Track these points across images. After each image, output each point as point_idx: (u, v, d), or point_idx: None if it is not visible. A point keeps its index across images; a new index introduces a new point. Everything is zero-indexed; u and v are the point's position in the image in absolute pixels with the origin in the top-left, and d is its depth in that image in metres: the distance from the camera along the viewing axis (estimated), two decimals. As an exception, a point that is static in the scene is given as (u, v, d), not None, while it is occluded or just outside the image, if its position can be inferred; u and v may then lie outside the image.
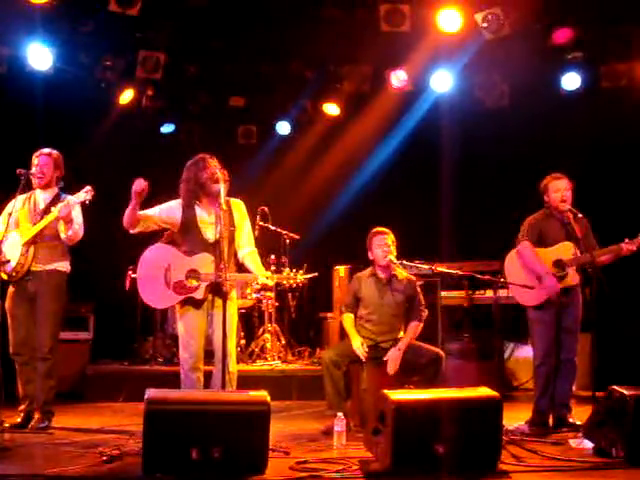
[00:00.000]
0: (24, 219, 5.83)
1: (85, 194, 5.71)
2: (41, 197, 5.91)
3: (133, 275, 6.18)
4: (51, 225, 5.73)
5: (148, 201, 6.77)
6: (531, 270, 5.85)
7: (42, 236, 5.75)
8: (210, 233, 5.33)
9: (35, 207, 5.88)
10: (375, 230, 6.16)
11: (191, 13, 7.77)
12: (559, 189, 5.87)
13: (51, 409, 5.84)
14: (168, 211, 5.40)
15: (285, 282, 5.23)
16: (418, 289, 6.20)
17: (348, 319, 6.17)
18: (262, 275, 5.22)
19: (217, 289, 5.21)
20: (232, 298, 5.29)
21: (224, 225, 5.18)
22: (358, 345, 5.93)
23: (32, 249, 5.73)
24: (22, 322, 5.79)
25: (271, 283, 5.27)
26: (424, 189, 9.01)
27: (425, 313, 6.16)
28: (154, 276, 5.32)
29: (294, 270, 5.36)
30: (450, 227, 8.56)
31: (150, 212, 5.38)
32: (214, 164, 5.36)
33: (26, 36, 7.65)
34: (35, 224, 5.75)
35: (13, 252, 5.70)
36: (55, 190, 5.93)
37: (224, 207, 5.20)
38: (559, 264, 5.80)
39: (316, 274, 5.42)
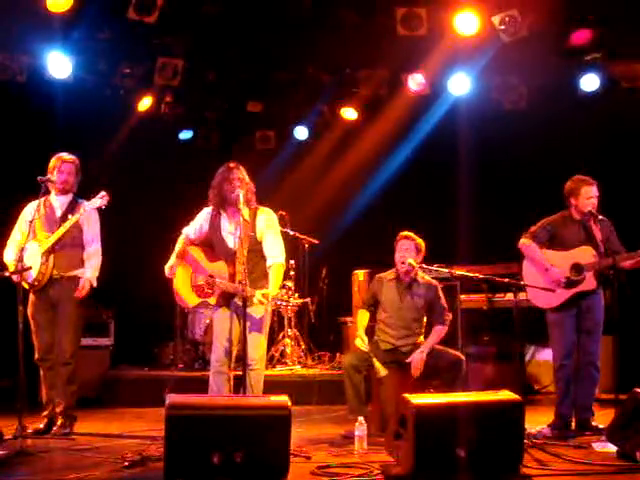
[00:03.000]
0: (40, 227, 5.85)
1: (100, 200, 5.76)
2: (57, 203, 5.94)
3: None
4: (69, 232, 5.77)
5: (166, 206, 6.83)
6: (536, 264, 5.85)
7: (61, 244, 5.78)
8: (232, 242, 5.39)
9: (52, 214, 5.91)
10: (401, 234, 6.12)
11: (208, 20, 7.80)
12: (591, 196, 5.80)
13: (74, 414, 5.88)
14: (199, 229, 5.56)
15: (279, 303, 5.19)
16: (440, 293, 6.14)
17: (361, 315, 6.18)
18: (258, 293, 5.12)
19: (229, 298, 5.30)
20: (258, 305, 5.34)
21: (243, 234, 5.20)
22: (359, 343, 5.95)
23: (52, 257, 5.76)
24: (46, 328, 5.84)
25: (265, 302, 5.22)
26: (442, 192, 8.98)
27: (449, 317, 6.12)
28: (184, 277, 5.52)
29: (290, 292, 5.31)
30: (468, 230, 8.52)
31: (192, 234, 5.57)
32: (239, 175, 5.38)
33: (45, 45, 7.71)
34: (53, 232, 5.79)
35: (33, 262, 5.72)
36: (71, 196, 5.98)
37: (245, 216, 5.27)
38: (577, 268, 5.75)
39: (309, 300, 5.36)
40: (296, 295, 5.32)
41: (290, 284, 8.43)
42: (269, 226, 5.44)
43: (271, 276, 5.30)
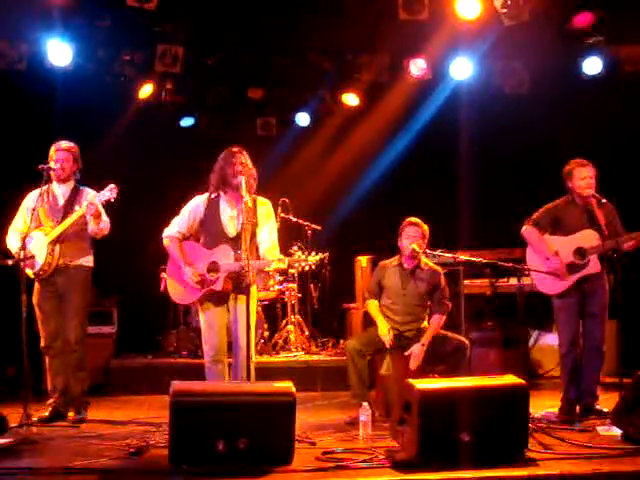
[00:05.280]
0: (44, 215, 5.86)
1: (110, 192, 5.71)
2: (59, 191, 5.95)
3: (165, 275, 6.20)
4: (75, 222, 5.76)
5: (168, 194, 6.81)
6: (538, 253, 5.83)
7: (66, 233, 5.78)
8: (231, 227, 5.36)
9: (55, 203, 5.91)
10: (408, 220, 6.12)
11: (208, 5, 7.77)
12: (585, 176, 5.80)
13: (87, 400, 5.94)
14: (194, 213, 5.46)
15: (297, 265, 5.19)
16: (443, 280, 6.14)
17: (373, 305, 6.16)
18: (274, 258, 5.19)
19: (236, 281, 5.24)
20: (252, 293, 5.31)
21: (246, 218, 5.17)
22: (385, 332, 5.92)
23: (58, 247, 5.77)
24: (52, 316, 5.86)
25: (283, 266, 5.24)
26: (445, 177, 8.96)
27: (449, 306, 6.12)
28: (180, 273, 5.43)
29: (306, 253, 5.30)
30: (471, 215, 8.51)
31: (183, 228, 5.46)
32: (242, 160, 5.36)
33: (45, 32, 7.68)
34: (58, 221, 5.79)
35: (40, 252, 5.74)
36: (72, 183, 5.98)
37: (249, 203, 5.22)
38: (580, 252, 5.74)
39: (327, 254, 5.34)
40: (313, 253, 5.26)
41: (293, 270, 8.43)
42: (268, 218, 5.45)
43: (272, 253, 5.28)
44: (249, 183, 5.31)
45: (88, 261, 5.94)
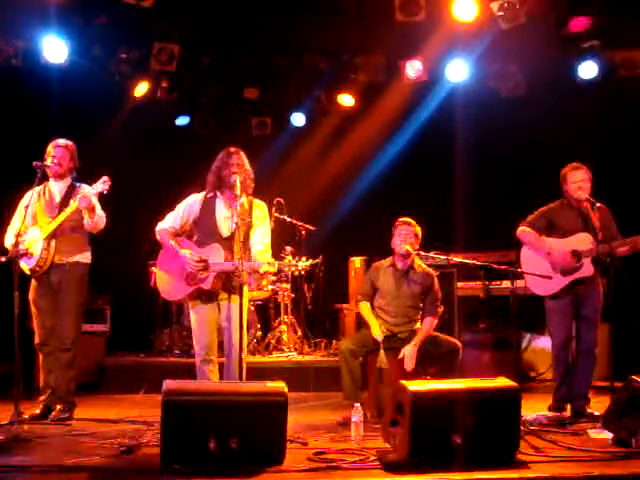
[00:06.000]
0: (41, 212, 5.86)
1: (102, 185, 5.72)
2: (55, 188, 5.94)
3: (155, 270, 6.19)
4: (70, 217, 5.75)
5: (163, 193, 6.81)
6: (537, 250, 5.83)
7: (62, 229, 5.77)
8: (225, 227, 5.36)
9: (51, 199, 5.91)
10: (400, 220, 6.15)
11: (205, 4, 7.76)
12: (578, 180, 5.82)
13: (73, 400, 5.89)
14: (189, 211, 5.46)
15: (287, 269, 5.19)
16: (436, 283, 6.16)
17: (365, 307, 6.17)
18: (264, 261, 5.17)
19: (226, 280, 5.24)
20: (244, 291, 5.29)
21: (240, 218, 5.17)
22: (378, 333, 5.93)
23: (53, 243, 5.75)
24: (47, 313, 5.83)
25: (273, 269, 5.23)
26: (439, 179, 8.97)
27: (440, 309, 6.13)
28: (170, 269, 5.42)
29: (296, 258, 5.29)
30: (465, 217, 8.52)
31: (177, 223, 5.44)
32: (238, 161, 5.36)
33: (41, 29, 7.68)
34: (53, 217, 5.78)
35: (35, 247, 5.72)
36: (68, 181, 5.97)
37: (245, 205, 5.25)
38: (575, 255, 5.75)
39: (318, 260, 5.35)
40: (303, 259, 5.27)
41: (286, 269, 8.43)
42: (263, 220, 5.45)
43: (262, 255, 5.26)
44: (245, 183, 5.32)
45: (85, 257, 5.92)
